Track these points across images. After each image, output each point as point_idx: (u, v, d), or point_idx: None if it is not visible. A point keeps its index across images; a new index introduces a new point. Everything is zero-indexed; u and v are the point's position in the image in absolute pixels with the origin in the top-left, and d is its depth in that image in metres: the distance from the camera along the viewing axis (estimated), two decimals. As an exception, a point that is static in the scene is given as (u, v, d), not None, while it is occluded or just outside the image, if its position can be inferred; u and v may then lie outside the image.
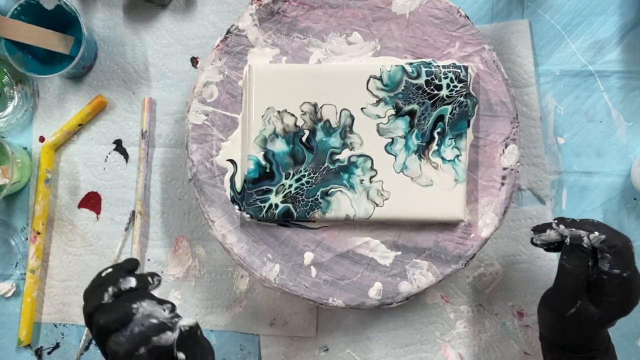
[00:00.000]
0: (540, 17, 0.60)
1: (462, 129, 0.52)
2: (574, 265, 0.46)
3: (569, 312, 0.46)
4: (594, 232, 0.46)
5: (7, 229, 0.62)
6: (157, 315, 0.39)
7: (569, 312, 0.46)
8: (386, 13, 0.53)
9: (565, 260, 0.47)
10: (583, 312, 0.46)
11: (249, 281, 0.61)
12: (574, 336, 0.48)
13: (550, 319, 0.49)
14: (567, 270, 0.46)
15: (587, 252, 0.46)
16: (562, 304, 0.47)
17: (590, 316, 0.46)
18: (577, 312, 0.46)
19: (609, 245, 0.45)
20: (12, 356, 0.62)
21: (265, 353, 0.60)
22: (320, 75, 0.52)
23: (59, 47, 0.58)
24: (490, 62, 0.53)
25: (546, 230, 0.49)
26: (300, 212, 0.53)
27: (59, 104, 0.62)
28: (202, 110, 0.54)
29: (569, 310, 0.46)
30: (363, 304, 0.53)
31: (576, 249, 0.46)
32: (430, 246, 0.54)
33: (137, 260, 0.43)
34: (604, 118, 0.60)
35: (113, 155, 0.62)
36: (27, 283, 0.60)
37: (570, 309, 0.46)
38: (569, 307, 0.46)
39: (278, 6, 0.53)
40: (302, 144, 0.52)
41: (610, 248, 0.45)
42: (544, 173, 0.60)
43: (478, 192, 0.54)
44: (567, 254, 0.47)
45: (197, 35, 0.61)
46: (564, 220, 0.48)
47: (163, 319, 0.39)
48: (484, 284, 0.60)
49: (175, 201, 0.61)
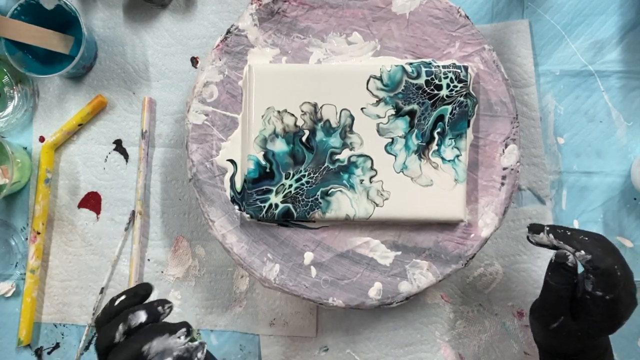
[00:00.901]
0: (540, 17, 0.60)
1: (462, 129, 0.52)
2: (557, 283, 0.46)
3: (551, 326, 0.46)
4: (580, 250, 0.44)
5: (7, 229, 0.62)
6: (172, 347, 0.39)
7: (551, 325, 0.46)
8: (386, 13, 0.53)
9: (549, 277, 0.46)
10: (566, 327, 0.46)
11: (249, 281, 0.61)
12: (562, 347, 0.48)
13: (537, 330, 0.49)
14: (550, 287, 0.46)
15: (571, 270, 0.45)
16: (546, 317, 0.47)
17: (574, 331, 0.46)
18: (560, 327, 0.46)
19: (593, 267, 0.44)
20: (12, 356, 0.62)
21: (265, 353, 0.60)
22: (320, 75, 0.52)
23: (59, 47, 0.58)
24: (490, 62, 0.53)
25: (539, 233, 0.48)
26: (300, 212, 0.53)
27: (59, 104, 0.62)
28: (202, 110, 0.54)
29: (552, 325, 0.46)
30: (363, 304, 0.53)
31: (560, 267, 0.45)
32: (430, 246, 0.54)
33: (151, 285, 0.42)
34: (604, 118, 0.60)
35: (113, 155, 0.62)
36: (27, 283, 0.60)
37: (552, 323, 0.46)
38: (552, 322, 0.46)
39: (278, 6, 0.53)
40: (302, 144, 0.52)
41: (595, 269, 0.44)
42: (544, 173, 0.60)
43: (478, 192, 0.54)
44: (552, 271, 0.46)
45: (197, 35, 0.61)
46: (555, 230, 0.47)
47: (178, 350, 0.39)
48: (484, 284, 0.60)
49: (175, 201, 0.61)
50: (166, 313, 0.41)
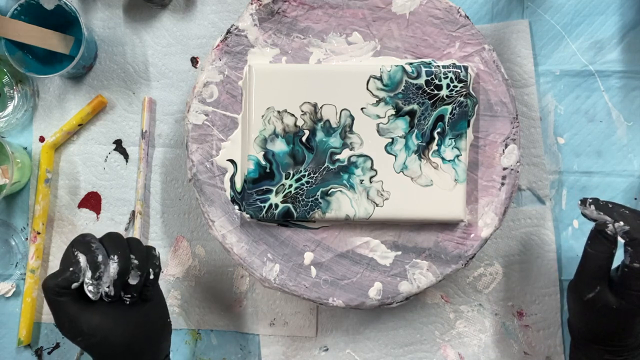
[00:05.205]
0: (540, 17, 0.60)
1: (462, 129, 0.52)
2: (596, 251, 0.46)
3: (587, 297, 0.47)
4: (620, 221, 0.46)
5: (7, 229, 0.62)
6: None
7: (587, 296, 0.47)
8: (386, 13, 0.53)
9: (589, 245, 0.47)
10: (601, 299, 0.46)
11: (249, 281, 0.61)
12: (598, 324, 0.48)
13: (572, 304, 0.49)
14: (589, 255, 0.47)
15: (611, 239, 0.46)
16: (582, 287, 0.47)
17: (609, 304, 0.46)
18: (595, 298, 0.46)
19: (631, 238, 0.45)
20: (12, 356, 0.62)
21: (265, 353, 0.60)
22: (320, 75, 0.52)
23: (59, 47, 0.58)
24: (490, 62, 0.53)
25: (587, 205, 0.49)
26: (300, 212, 0.53)
27: (59, 104, 0.62)
28: (202, 110, 0.54)
29: (587, 295, 0.47)
30: (363, 304, 0.53)
31: (600, 235, 0.46)
32: (430, 246, 0.54)
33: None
34: (604, 118, 0.60)
35: (113, 155, 0.62)
36: (27, 283, 0.60)
37: (588, 294, 0.47)
38: (588, 292, 0.47)
39: (278, 6, 0.53)
40: (302, 144, 0.52)
41: (632, 241, 0.45)
42: (544, 173, 0.60)
43: (478, 192, 0.54)
44: (592, 239, 0.47)
45: (197, 35, 0.61)
46: (597, 202, 0.48)
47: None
48: (484, 284, 0.60)
49: (175, 201, 0.61)
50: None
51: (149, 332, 0.46)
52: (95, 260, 0.42)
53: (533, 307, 0.59)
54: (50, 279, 0.42)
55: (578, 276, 0.48)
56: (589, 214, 0.48)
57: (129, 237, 0.45)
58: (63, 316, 0.43)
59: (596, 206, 0.48)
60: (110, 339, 0.43)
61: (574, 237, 0.60)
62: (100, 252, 0.42)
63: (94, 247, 0.42)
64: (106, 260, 0.42)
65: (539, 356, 0.59)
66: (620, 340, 0.48)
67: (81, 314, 0.43)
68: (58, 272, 0.42)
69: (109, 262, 0.42)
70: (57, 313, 0.43)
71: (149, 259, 0.45)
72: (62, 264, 0.43)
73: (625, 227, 0.45)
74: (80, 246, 0.42)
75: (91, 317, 0.43)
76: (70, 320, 0.43)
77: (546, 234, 0.59)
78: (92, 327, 0.43)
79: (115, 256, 0.42)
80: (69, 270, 0.42)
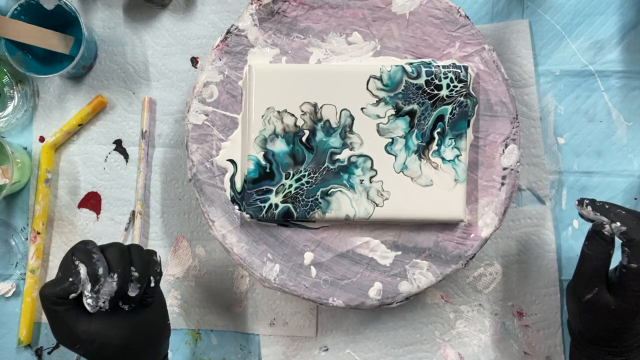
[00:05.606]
0: (540, 17, 0.60)
1: (462, 129, 0.52)
2: (593, 252, 0.46)
3: (585, 298, 0.47)
4: (616, 222, 0.45)
5: (7, 229, 0.62)
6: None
7: (585, 297, 0.47)
8: (386, 13, 0.53)
9: (586, 246, 0.47)
10: (600, 300, 0.46)
11: (249, 281, 0.61)
12: (597, 325, 0.48)
13: (571, 305, 0.49)
14: (587, 256, 0.47)
15: (608, 240, 0.46)
16: (580, 288, 0.47)
17: (608, 305, 0.46)
18: (594, 299, 0.46)
19: (628, 239, 0.45)
20: (12, 356, 0.62)
21: (265, 353, 0.60)
22: (320, 75, 0.52)
23: (59, 47, 0.58)
24: (490, 62, 0.53)
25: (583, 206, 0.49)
26: (300, 212, 0.53)
27: (59, 104, 0.62)
28: (202, 110, 0.54)
29: (586, 296, 0.47)
30: (363, 304, 0.53)
31: (597, 236, 0.46)
32: (430, 246, 0.54)
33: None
34: (604, 118, 0.60)
35: (113, 155, 0.62)
36: (27, 283, 0.60)
37: (587, 295, 0.47)
38: (586, 293, 0.47)
39: (278, 6, 0.53)
40: (302, 144, 0.52)
41: (629, 241, 0.45)
42: (544, 173, 0.60)
43: (478, 192, 0.54)
44: (589, 240, 0.47)
45: (197, 35, 0.61)
46: (594, 203, 0.48)
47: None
48: (484, 284, 0.60)
49: (175, 201, 0.61)
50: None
51: (148, 336, 0.46)
52: (96, 273, 0.41)
53: (533, 307, 0.59)
54: (48, 288, 0.41)
55: (576, 277, 0.48)
56: (586, 214, 0.48)
57: (130, 245, 0.44)
58: (60, 325, 0.42)
59: (593, 207, 0.47)
60: (109, 344, 0.43)
61: (574, 237, 0.60)
62: (102, 265, 0.41)
63: (95, 259, 0.41)
64: (106, 273, 0.41)
65: (539, 356, 0.59)
66: (620, 340, 0.48)
67: (79, 322, 0.42)
68: (56, 280, 0.41)
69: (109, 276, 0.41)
70: (54, 322, 0.42)
71: (150, 266, 0.44)
72: (61, 270, 0.42)
73: (622, 228, 0.45)
74: (82, 255, 0.41)
75: (89, 325, 0.42)
76: (68, 328, 0.42)
77: (546, 234, 0.59)
78: (91, 334, 0.42)
79: (115, 275, 0.41)
80: (68, 280, 0.41)
